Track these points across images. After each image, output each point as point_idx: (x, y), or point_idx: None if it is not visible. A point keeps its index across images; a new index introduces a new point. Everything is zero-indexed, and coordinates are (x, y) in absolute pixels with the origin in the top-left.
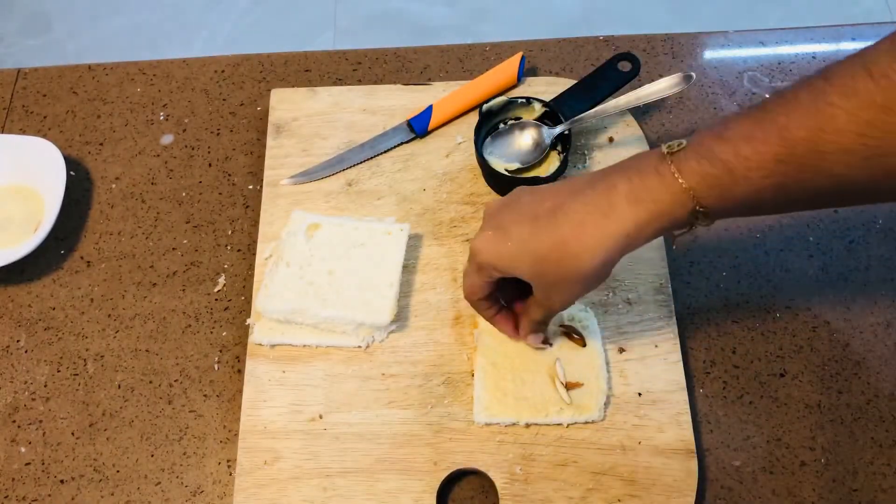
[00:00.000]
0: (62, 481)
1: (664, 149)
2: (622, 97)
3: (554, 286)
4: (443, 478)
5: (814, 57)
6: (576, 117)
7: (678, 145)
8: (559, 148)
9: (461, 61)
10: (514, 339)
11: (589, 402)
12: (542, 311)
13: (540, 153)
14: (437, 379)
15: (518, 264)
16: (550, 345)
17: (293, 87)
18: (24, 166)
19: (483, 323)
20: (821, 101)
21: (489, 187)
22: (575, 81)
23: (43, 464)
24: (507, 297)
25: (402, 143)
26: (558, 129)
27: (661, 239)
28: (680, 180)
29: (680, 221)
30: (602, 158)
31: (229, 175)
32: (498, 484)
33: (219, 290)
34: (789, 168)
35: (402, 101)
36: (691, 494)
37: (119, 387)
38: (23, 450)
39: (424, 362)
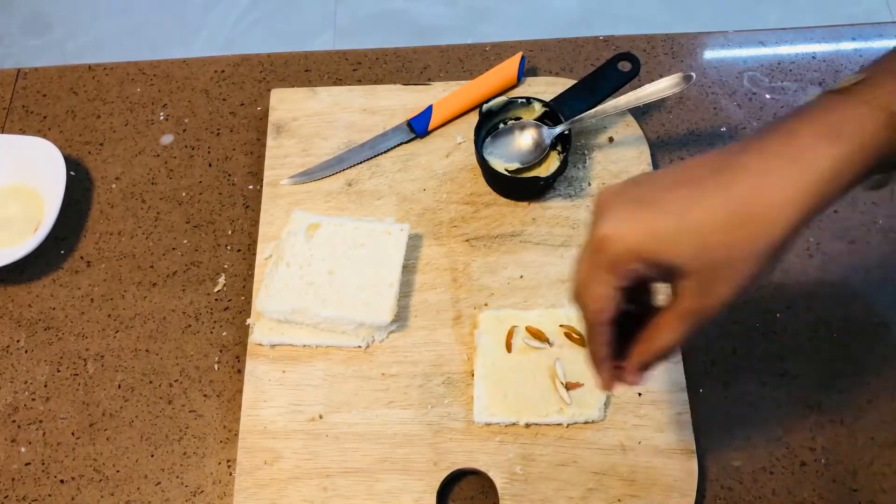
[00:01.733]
0: (62, 481)
1: (837, 86)
2: (622, 97)
3: (725, 269)
4: (443, 478)
5: (814, 57)
6: (576, 117)
7: (854, 78)
8: (559, 148)
9: (461, 61)
10: (606, 389)
11: (589, 402)
12: (689, 319)
13: (540, 153)
14: (437, 379)
15: (679, 244)
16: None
17: (293, 87)
18: (24, 166)
19: (483, 323)
20: None
21: (489, 187)
22: (575, 81)
23: (43, 464)
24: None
25: (402, 143)
26: (558, 129)
27: None
28: (886, 103)
29: (886, 157)
30: (602, 158)
31: (229, 175)
32: (498, 484)
33: (219, 290)
34: None
35: (402, 101)
36: (691, 494)
37: (119, 387)
38: (23, 450)
39: (424, 362)
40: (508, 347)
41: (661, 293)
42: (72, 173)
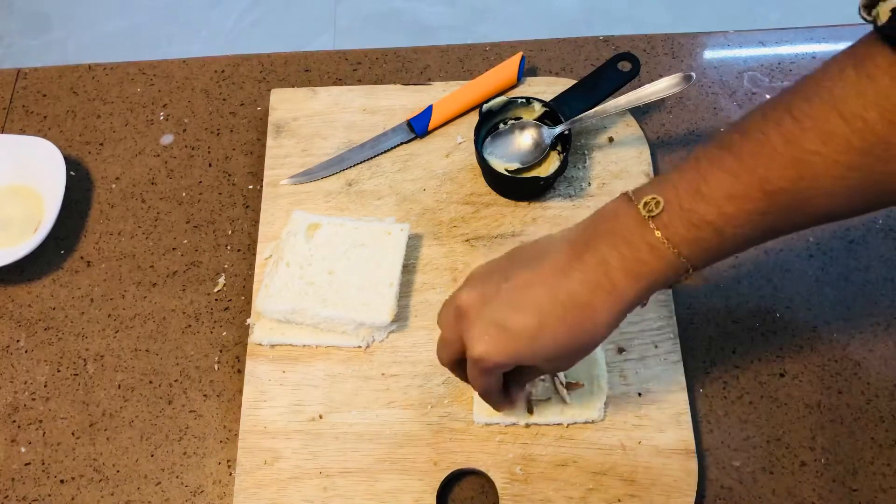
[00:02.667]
0: (62, 481)
1: (642, 210)
2: (622, 97)
3: (564, 359)
4: (443, 478)
5: (814, 57)
6: (576, 117)
7: (656, 205)
8: (559, 148)
9: (461, 61)
10: (502, 410)
11: (589, 402)
12: (541, 375)
13: (540, 153)
14: (437, 379)
15: (532, 357)
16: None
17: (293, 87)
18: (24, 166)
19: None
20: (796, 149)
21: (489, 187)
22: (575, 81)
23: (43, 464)
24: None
25: (402, 143)
26: (558, 129)
27: None
28: (670, 247)
29: (671, 280)
30: (602, 158)
31: (229, 175)
32: (498, 484)
33: (219, 290)
34: (774, 217)
35: (402, 101)
36: (691, 494)
37: (119, 387)
38: (23, 450)
39: (424, 362)
40: (530, 410)
41: None
42: (72, 173)
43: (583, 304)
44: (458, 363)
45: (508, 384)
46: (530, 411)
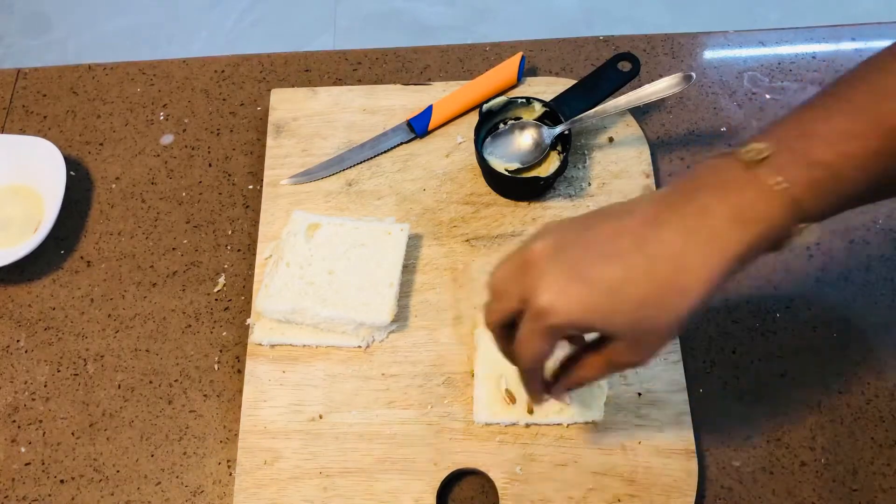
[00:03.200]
0: (62, 481)
1: (744, 156)
2: (622, 97)
3: (649, 335)
4: (443, 478)
5: (814, 57)
6: (576, 117)
7: (759, 151)
8: (559, 148)
9: (461, 61)
10: (536, 401)
11: (589, 402)
12: (614, 367)
13: (540, 153)
14: (437, 379)
15: (610, 316)
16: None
17: (293, 87)
18: (24, 166)
19: (484, 323)
20: None
21: (489, 187)
22: (575, 81)
23: (43, 464)
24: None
25: (402, 143)
26: (558, 129)
27: None
28: (786, 188)
29: (783, 234)
30: (602, 158)
31: (229, 175)
32: (498, 484)
33: (219, 290)
34: (889, 158)
35: (402, 101)
36: (691, 494)
37: (119, 387)
38: (23, 450)
39: (424, 362)
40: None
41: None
42: (72, 173)
43: (675, 254)
44: (507, 329)
45: (559, 375)
46: (530, 411)
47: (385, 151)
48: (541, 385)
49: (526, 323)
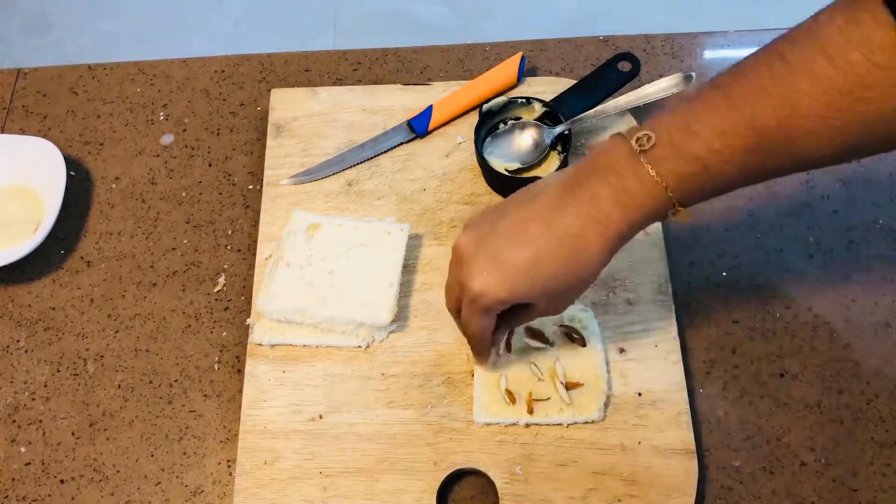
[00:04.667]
0: (62, 481)
1: (634, 145)
2: (622, 97)
3: (561, 297)
4: (443, 478)
5: None
6: (576, 117)
7: (647, 140)
8: (559, 148)
9: (461, 61)
10: (482, 362)
11: (589, 402)
12: (539, 316)
13: (540, 153)
14: (437, 379)
15: (530, 291)
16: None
17: (293, 87)
18: (24, 166)
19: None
20: (785, 87)
21: (489, 187)
22: (575, 81)
23: (43, 464)
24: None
25: (402, 143)
26: (558, 129)
27: (661, 239)
28: (658, 181)
29: (660, 215)
30: None
31: (229, 175)
32: (498, 484)
33: (219, 290)
34: (760, 156)
35: (402, 101)
36: (691, 494)
37: (119, 387)
38: (23, 450)
39: (424, 362)
40: (508, 347)
41: None
42: (72, 173)
43: (576, 235)
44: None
45: (494, 330)
46: (530, 411)
47: (385, 151)
48: (487, 349)
49: (466, 307)
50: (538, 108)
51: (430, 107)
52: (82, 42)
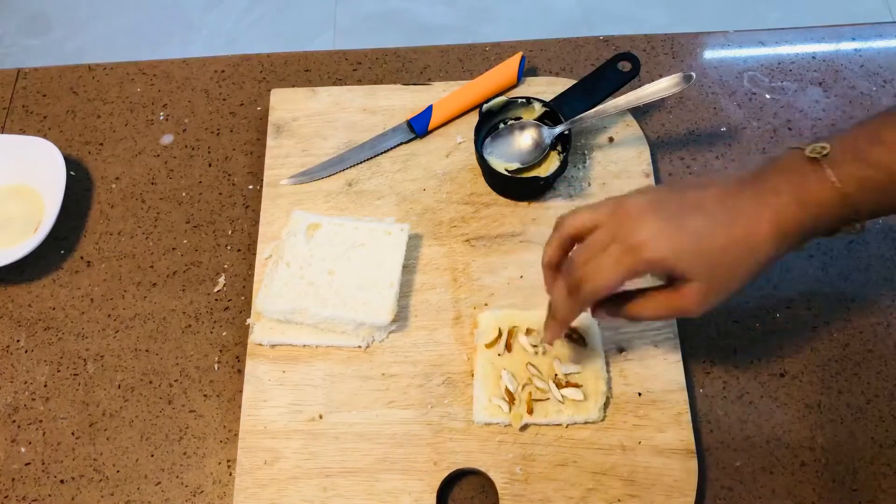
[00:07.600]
0: (62, 481)
1: (808, 152)
2: (622, 97)
3: (721, 283)
4: (443, 478)
5: (814, 57)
6: (576, 117)
7: (822, 148)
8: (559, 148)
9: (461, 61)
10: (554, 336)
11: (589, 402)
12: (677, 311)
13: (540, 153)
14: (437, 379)
15: (696, 260)
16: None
17: (293, 87)
18: (24, 166)
19: (483, 322)
20: None
21: (489, 187)
22: (575, 81)
23: (43, 464)
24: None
25: (402, 143)
26: (558, 129)
27: None
28: (840, 186)
29: (831, 227)
30: (602, 158)
31: (229, 175)
32: (498, 484)
33: (219, 290)
34: None
35: (402, 101)
36: (691, 494)
37: (119, 387)
38: (23, 450)
39: (424, 362)
40: (509, 347)
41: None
42: (72, 173)
43: (751, 216)
44: (555, 271)
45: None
46: (530, 412)
47: (385, 151)
48: (573, 317)
49: (612, 253)
50: (538, 108)
51: (430, 107)
52: (82, 42)
